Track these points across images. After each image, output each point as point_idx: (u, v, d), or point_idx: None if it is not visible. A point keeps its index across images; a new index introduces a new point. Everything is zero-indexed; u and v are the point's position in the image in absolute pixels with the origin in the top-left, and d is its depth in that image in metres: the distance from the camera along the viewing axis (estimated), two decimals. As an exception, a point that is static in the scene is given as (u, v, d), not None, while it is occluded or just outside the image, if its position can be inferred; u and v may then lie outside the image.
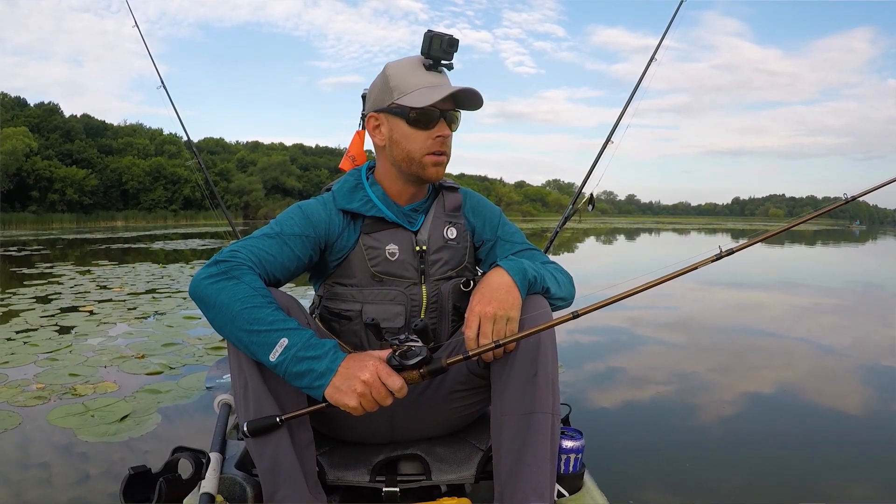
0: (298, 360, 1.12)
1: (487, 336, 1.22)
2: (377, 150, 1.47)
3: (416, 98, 1.33)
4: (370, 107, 1.43)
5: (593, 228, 39.09)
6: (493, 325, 1.22)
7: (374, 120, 1.42)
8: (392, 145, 1.39)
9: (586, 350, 4.39)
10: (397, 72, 1.36)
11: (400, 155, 1.39)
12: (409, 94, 1.33)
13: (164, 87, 3.23)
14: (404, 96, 1.34)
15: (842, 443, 2.64)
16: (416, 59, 1.37)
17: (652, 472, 2.29)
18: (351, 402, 1.10)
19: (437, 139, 1.36)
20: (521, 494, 1.21)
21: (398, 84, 1.35)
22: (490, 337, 1.22)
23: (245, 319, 1.15)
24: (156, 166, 51.46)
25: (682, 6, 2.79)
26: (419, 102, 1.32)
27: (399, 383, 1.12)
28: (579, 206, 2.64)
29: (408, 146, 1.37)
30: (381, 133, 1.41)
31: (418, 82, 1.34)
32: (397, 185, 1.45)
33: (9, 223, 36.54)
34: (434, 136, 1.36)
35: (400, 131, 1.37)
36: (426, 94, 1.32)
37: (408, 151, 1.37)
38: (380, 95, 1.39)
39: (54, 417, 2.72)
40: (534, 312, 1.25)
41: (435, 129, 1.35)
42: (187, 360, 3.71)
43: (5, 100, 49.86)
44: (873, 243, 27.28)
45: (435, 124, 1.35)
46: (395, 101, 1.35)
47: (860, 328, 5.77)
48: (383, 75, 1.39)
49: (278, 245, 1.32)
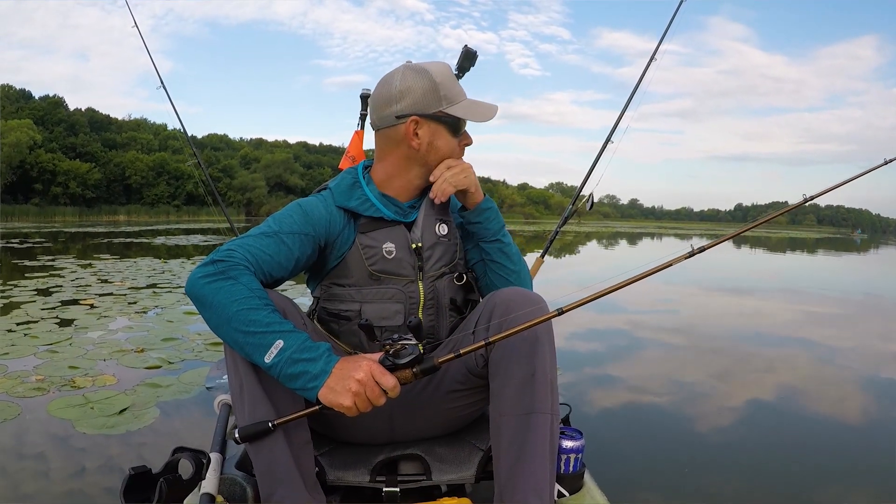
0: (293, 362, 1.13)
1: (441, 171, 1.41)
2: (401, 150, 1.42)
3: (466, 111, 1.42)
4: (411, 108, 1.38)
5: (595, 232, 39.10)
6: (451, 170, 1.41)
7: (415, 124, 1.39)
8: (430, 150, 1.42)
9: (588, 353, 4.38)
10: (445, 81, 1.40)
11: (435, 159, 1.43)
12: (457, 105, 1.40)
13: (164, 87, 3.24)
14: (453, 106, 1.40)
15: (840, 451, 2.64)
16: (448, 67, 1.45)
17: (652, 474, 2.29)
18: (345, 401, 1.10)
19: (462, 145, 1.47)
20: (521, 494, 1.21)
21: (447, 94, 1.39)
22: (449, 177, 1.41)
23: (241, 321, 1.15)
24: (159, 161, 51.47)
25: (688, 11, 2.78)
26: (474, 117, 1.42)
27: (392, 382, 1.12)
28: (578, 207, 2.63)
29: (446, 151, 1.43)
30: (419, 137, 1.39)
31: (461, 93, 1.43)
32: (411, 184, 1.46)
33: (11, 215, 36.58)
34: (462, 143, 1.47)
35: (443, 138, 1.42)
36: (475, 108, 1.43)
37: (443, 155, 1.43)
38: (425, 100, 1.37)
39: (53, 409, 2.72)
40: (521, 311, 1.24)
41: (463, 137, 1.47)
42: (187, 356, 3.71)
43: (10, 92, 49.92)
44: (874, 252, 27.24)
45: (462, 132, 1.46)
46: (444, 109, 1.39)
47: (859, 337, 5.76)
48: (430, 81, 1.38)
49: (275, 244, 1.31)
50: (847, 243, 38.01)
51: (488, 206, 1.48)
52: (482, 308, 1.34)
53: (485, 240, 1.49)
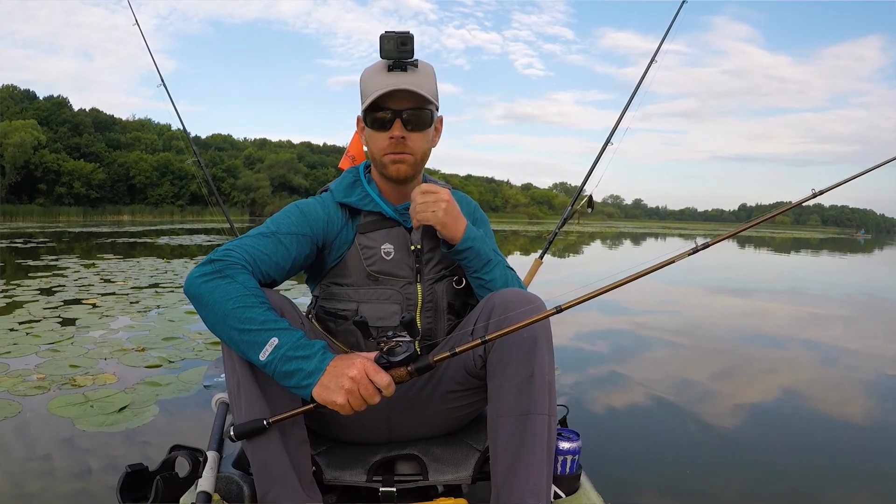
0: (287, 360, 1.12)
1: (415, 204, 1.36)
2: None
3: (365, 96, 1.37)
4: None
5: (599, 232, 39.05)
6: (422, 196, 1.36)
7: (359, 124, 1.46)
8: (367, 147, 1.44)
9: (588, 354, 4.37)
10: (365, 76, 1.40)
11: (371, 156, 1.45)
12: (368, 98, 1.36)
13: (164, 85, 3.24)
14: (366, 100, 1.37)
15: (842, 452, 2.62)
16: (382, 62, 1.38)
17: (650, 476, 2.28)
18: (339, 399, 1.10)
19: (391, 141, 1.38)
20: (518, 495, 1.20)
21: (364, 89, 1.39)
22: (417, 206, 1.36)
23: (237, 318, 1.15)
24: (163, 161, 51.60)
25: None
26: (366, 97, 1.36)
27: (386, 380, 1.11)
28: (578, 208, 2.62)
29: (372, 148, 1.42)
30: (363, 136, 1.46)
31: (376, 85, 1.35)
32: (385, 185, 1.47)
33: (16, 215, 36.74)
34: (389, 137, 1.38)
35: (368, 134, 1.42)
36: (369, 90, 1.36)
37: (373, 152, 1.43)
38: (362, 100, 1.41)
39: (54, 407, 2.72)
40: (518, 310, 1.23)
41: (390, 130, 1.37)
42: (187, 355, 3.72)
43: (14, 92, 50.09)
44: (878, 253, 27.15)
45: (390, 126, 1.37)
46: (364, 105, 1.38)
47: (863, 339, 5.74)
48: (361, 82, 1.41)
49: (273, 244, 1.32)
50: (850, 244, 37.86)
51: (465, 248, 1.40)
52: (480, 308, 1.34)
53: (467, 273, 1.45)
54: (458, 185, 65.14)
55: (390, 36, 1.32)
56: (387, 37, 1.33)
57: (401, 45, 1.33)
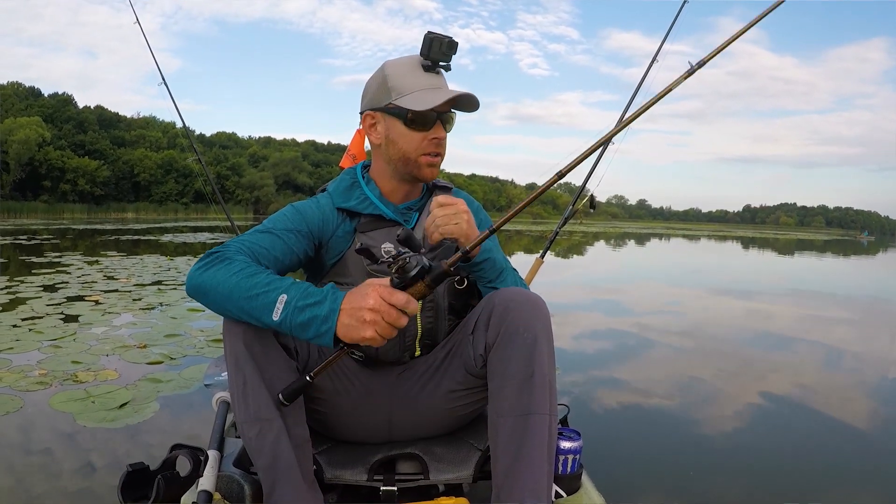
0: (300, 310, 1.10)
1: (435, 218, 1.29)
2: (373, 148, 1.46)
3: (414, 100, 1.33)
4: (366, 104, 1.42)
5: (603, 232, 38.99)
6: (442, 209, 1.28)
7: (370, 118, 1.41)
8: (388, 144, 1.39)
9: (589, 353, 4.36)
10: (396, 72, 1.36)
11: (396, 154, 1.39)
12: (408, 96, 1.33)
13: (165, 83, 3.25)
14: (402, 97, 1.34)
15: (845, 454, 2.61)
16: (414, 59, 1.36)
17: (651, 476, 2.27)
18: (366, 332, 1.06)
19: (432, 140, 1.36)
20: (519, 494, 1.19)
21: (396, 85, 1.35)
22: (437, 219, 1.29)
23: (242, 288, 1.14)
24: (168, 159, 51.76)
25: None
26: (418, 105, 1.32)
27: (405, 298, 1.07)
28: (578, 207, 2.61)
29: (404, 146, 1.37)
30: (377, 131, 1.41)
31: (417, 84, 1.34)
32: (392, 184, 1.45)
33: (20, 212, 36.87)
34: (430, 138, 1.36)
35: (397, 131, 1.37)
36: (425, 96, 1.33)
37: (404, 151, 1.37)
38: (377, 94, 1.39)
39: (55, 402, 2.72)
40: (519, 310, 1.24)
41: (431, 130, 1.36)
42: (188, 352, 3.72)
43: (19, 90, 50.25)
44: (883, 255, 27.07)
45: (431, 126, 1.36)
46: (393, 101, 1.35)
47: (866, 341, 5.71)
48: (381, 74, 1.38)
49: (270, 238, 1.31)
50: (854, 245, 37.72)
51: (484, 259, 1.39)
52: (481, 308, 1.33)
53: (480, 283, 1.44)
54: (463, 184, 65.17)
55: (441, 39, 1.32)
56: (437, 39, 1.32)
57: (448, 49, 1.34)
